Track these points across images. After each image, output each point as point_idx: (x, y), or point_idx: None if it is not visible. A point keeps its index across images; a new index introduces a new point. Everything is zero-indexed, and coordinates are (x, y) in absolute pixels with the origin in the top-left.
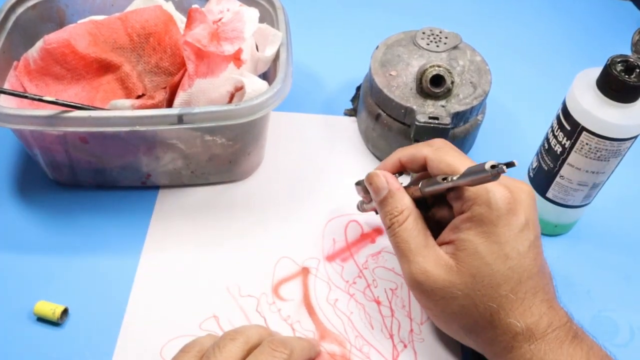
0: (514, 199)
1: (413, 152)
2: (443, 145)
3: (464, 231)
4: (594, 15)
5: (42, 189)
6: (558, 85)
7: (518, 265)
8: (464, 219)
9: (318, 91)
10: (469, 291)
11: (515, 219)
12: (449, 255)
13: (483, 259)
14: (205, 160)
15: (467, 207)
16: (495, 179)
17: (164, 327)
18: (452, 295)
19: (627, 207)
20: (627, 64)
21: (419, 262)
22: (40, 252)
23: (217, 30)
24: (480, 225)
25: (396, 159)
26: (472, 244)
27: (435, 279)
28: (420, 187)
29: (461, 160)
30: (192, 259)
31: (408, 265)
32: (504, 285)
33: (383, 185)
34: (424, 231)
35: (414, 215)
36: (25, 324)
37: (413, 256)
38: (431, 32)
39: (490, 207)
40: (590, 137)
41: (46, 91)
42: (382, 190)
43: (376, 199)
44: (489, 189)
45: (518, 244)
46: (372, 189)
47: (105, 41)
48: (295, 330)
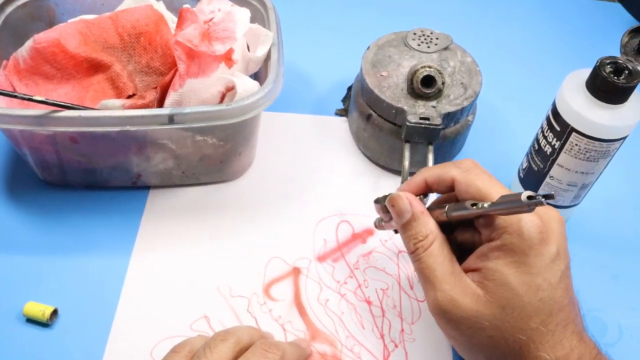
0: (546, 228)
1: (440, 173)
2: (473, 167)
3: (493, 260)
4: (584, 16)
5: (31, 189)
6: (548, 86)
7: (549, 297)
8: (494, 248)
9: (309, 91)
10: (498, 322)
11: (547, 249)
12: (477, 284)
13: (513, 290)
14: (196, 161)
15: (497, 236)
16: (531, 210)
17: (154, 328)
18: (479, 325)
19: (615, 208)
20: (616, 65)
21: (445, 290)
22: (30, 252)
23: (208, 30)
24: (510, 255)
25: (421, 179)
26: (501, 274)
27: (462, 308)
28: (447, 211)
29: (492, 186)
30: (183, 259)
31: (434, 293)
32: (535, 318)
33: (406, 208)
34: (450, 257)
35: (439, 240)
36: (15, 324)
37: (439, 283)
38: (422, 33)
39: (522, 237)
40: (580, 138)
41: (36, 91)
42: (406, 214)
43: (399, 222)
44: (520, 218)
45: (550, 274)
46: (394, 212)
47: (96, 40)
48: (286, 330)
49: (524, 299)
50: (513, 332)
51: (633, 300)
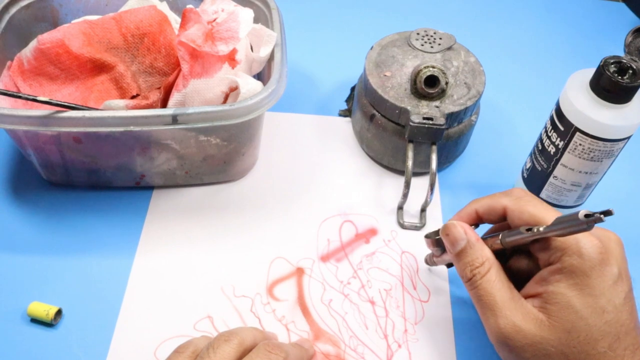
0: (605, 249)
1: (491, 203)
2: (523, 195)
3: (554, 283)
4: (588, 16)
5: (35, 189)
6: (552, 86)
7: (615, 320)
8: (553, 271)
9: (312, 92)
10: (564, 348)
11: (608, 270)
12: (538, 309)
13: (578, 313)
14: (200, 161)
15: (557, 259)
16: (590, 228)
17: (158, 328)
18: (545, 352)
19: (619, 208)
20: (620, 65)
21: (507, 316)
22: (34, 252)
23: (211, 31)
24: (572, 277)
25: (472, 209)
26: (564, 297)
27: (525, 334)
28: (501, 238)
29: (545, 210)
30: (187, 260)
31: (495, 320)
32: (602, 342)
33: (461, 236)
34: (508, 283)
35: (496, 267)
36: (19, 325)
37: (500, 310)
38: (425, 33)
39: (582, 258)
40: (584, 137)
41: (40, 91)
42: (461, 242)
43: (453, 250)
44: (579, 239)
45: (613, 296)
46: (448, 240)
47: (100, 41)
48: (289, 330)
49: (589, 321)
50: (580, 358)
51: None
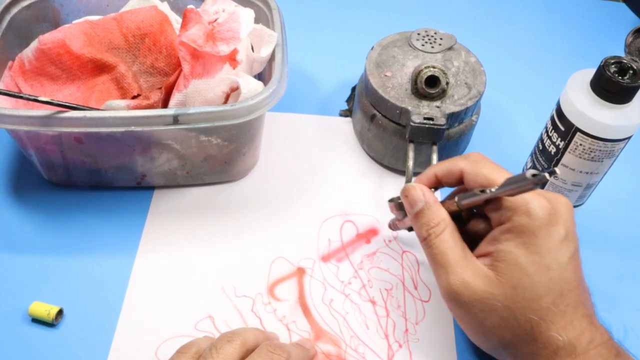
0: (554, 210)
1: (449, 166)
2: (480, 159)
3: (503, 242)
4: (588, 16)
5: (36, 189)
6: (552, 86)
7: (559, 277)
8: (503, 230)
9: (313, 92)
10: (509, 303)
11: (555, 230)
12: (488, 267)
13: (523, 270)
14: (201, 161)
15: (506, 218)
16: (537, 187)
17: (159, 328)
18: (492, 307)
19: (620, 208)
20: (620, 65)
21: (457, 273)
22: (35, 252)
23: (212, 31)
24: (520, 236)
25: (432, 173)
26: (512, 255)
27: (474, 290)
28: (457, 200)
29: (499, 172)
30: (187, 260)
31: (446, 277)
32: (545, 297)
33: (419, 197)
34: (461, 243)
35: (450, 227)
36: (20, 324)
37: (451, 267)
38: (426, 33)
39: (530, 218)
40: (584, 137)
41: (41, 91)
42: (419, 203)
43: (411, 211)
44: (528, 200)
45: (559, 255)
46: (407, 202)
47: (101, 41)
48: (290, 330)
49: (534, 278)
50: (524, 312)
51: (638, 301)
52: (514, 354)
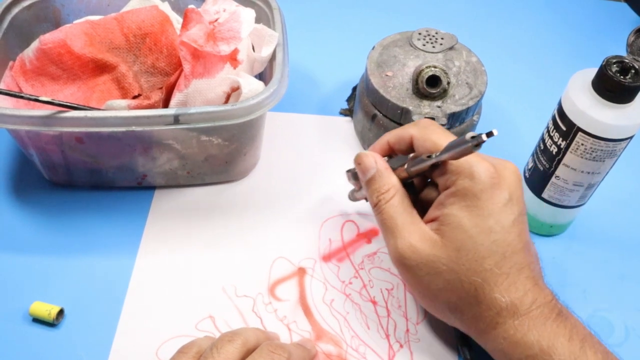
0: (498, 174)
1: (400, 133)
2: (429, 125)
3: (448, 206)
4: (589, 16)
5: (37, 189)
6: (554, 86)
7: (502, 240)
8: (448, 194)
9: (314, 91)
10: (454, 265)
11: (498, 193)
12: (434, 231)
13: (466, 232)
14: (202, 161)
15: (451, 182)
16: (477, 149)
17: (160, 328)
18: (437, 270)
19: (622, 208)
20: (622, 64)
21: (404, 237)
22: (36, 252)
23: (213, 31)
24: (463, 199)
25: (385, 141)
26: (455, 218)
27: (420, 253)
28: (407, 167)
29: (446, 137)
30: (188, 260)
31: (394, 241)
32: (488, 259)
33: (371, 164)
34: (410, 209)
35: (400, 193)
36: (21, 324)
37: (399, 232)
38: (427, 33)
39: (473, 181)
40: (586, 137)
41: (42, 91)
42: (370, 170)
43: (364, 178)
44: (472, 164)
45: (502, 217)
46: (360, 169)
47: (101, 41)
48: (291, 330)
49: (476, 240)
50: (468, 275)
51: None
52: (459, 317)
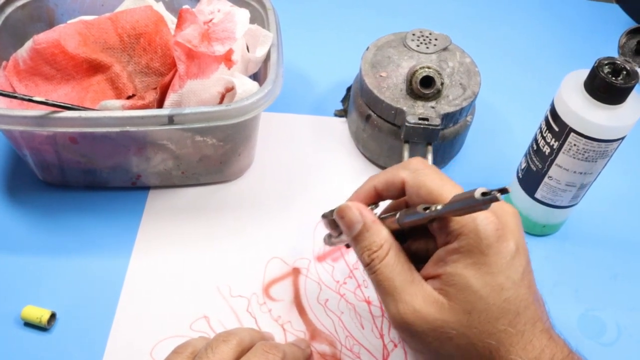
0: (502, 224)
1: (388, 178)
2: (421, 167)
3: (451, 264)
4: (582, 17)
5: (31, 189)
6: (546, 87)
7: (514, 296)
8: (450, 251)
9: (308, 92)
10: (465, 330)
11: (505, 246)
12: (438, 292)
13: (476, 294)
14: (196, 161)
15: (453, 238)
16: (487, 207)
17: (154, 328)
18: (446, 335)
19: (614, 207)
20: (614, 66)
21: (406, 301)
22: (29, 253)
23: (207, 31)
24: (469, 257)
25: (370, 187)
26: (462, 278)
27: (426, 318)
28: (398, 218)
29: (443, 185)
30: (183, 260)
31: (395, 305)
32: (502, 319)
33: (357, 218)
34: (408, 265)
35: (394, 248)
36: (13, 328)
37: (399, 294)
38: (421, 34)
39: (478, 237)
40: (578, 138)
41: (36, 91)
42: (356, 225)
43: (350, 234)
44: (475, 217)
45: (511, 272)
46: (344, 224)
47: (95, 41)
48: (286, 330)
49: (488, 300)
50: (482, 338)
51: (632, 300)
52: None
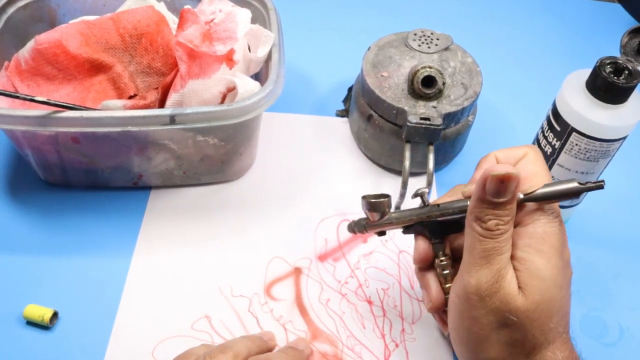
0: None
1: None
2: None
3: (523, 248)
4: (584, 17)
5: (33, 189)
6: (548, 87)
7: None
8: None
9: (310, 92)
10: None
11: (566, 252)
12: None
13: (546, 283)
14: (197, 161)
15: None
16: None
17: (156, 328)
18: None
19: (615, 208)
20: (616, 65)
21: (500, 276)
22: (31, 253)
23: (209, 31)
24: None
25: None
26: (534, 264)
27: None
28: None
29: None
30: (184, 260)
31: (489, 275)
32: (556, 316)
33: (511, 188)
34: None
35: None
36: (15, 327)
37: (496, 269)
38: (422, 34)
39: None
40: (580, 138)
41: (37, 91)
42: (509, 193)
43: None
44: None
45: (566, 276)
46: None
47: (97, 41)
48: (287, 330)
49: (553, 294)
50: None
51: (634, 300)
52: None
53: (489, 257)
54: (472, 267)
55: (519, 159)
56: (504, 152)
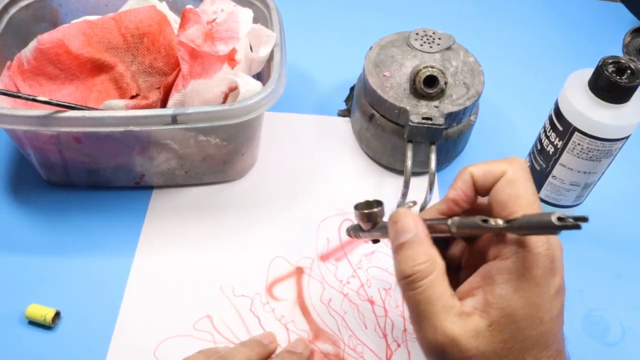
0: (554, 256)
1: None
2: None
3: (500, 284)
4: (586, 16)
5: (35, 189)
6: (550, 86)
7: (548, 330)
8: (502, 270)
9: (312, 92)
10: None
11: (553, 281)
12: (479, 313)
13: (517, 323)
14: (199, 161)
15: (508, 254)
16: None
17: (157, 328)
18: None
19: (618, 207)
20: (618, 65)
21: (445, 329)
22: (33, 252)
23: (211, 31)
24: (520, 281)
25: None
26: (508, 303)
27: (461, 347)
28: (451, 225)
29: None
30: (186, 259)
31: (433, 332)
32: (531, 351)
33: (410, 227)
34: (449, 288)
35: (440, 269)
36: (17, 327)
37: (439, 321)
38: (424, 33)
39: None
40: (582, 137)
41: (39, 91)
42: (408, 233)
43: (397, 240)
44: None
45: (552, 308)
46: (395, 228)
47: (99, 41)
48: (289, 330)
49: (525, 332)
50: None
51: (636, 300)
52: None
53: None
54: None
55: (498, 177)
56: (481, 166)
